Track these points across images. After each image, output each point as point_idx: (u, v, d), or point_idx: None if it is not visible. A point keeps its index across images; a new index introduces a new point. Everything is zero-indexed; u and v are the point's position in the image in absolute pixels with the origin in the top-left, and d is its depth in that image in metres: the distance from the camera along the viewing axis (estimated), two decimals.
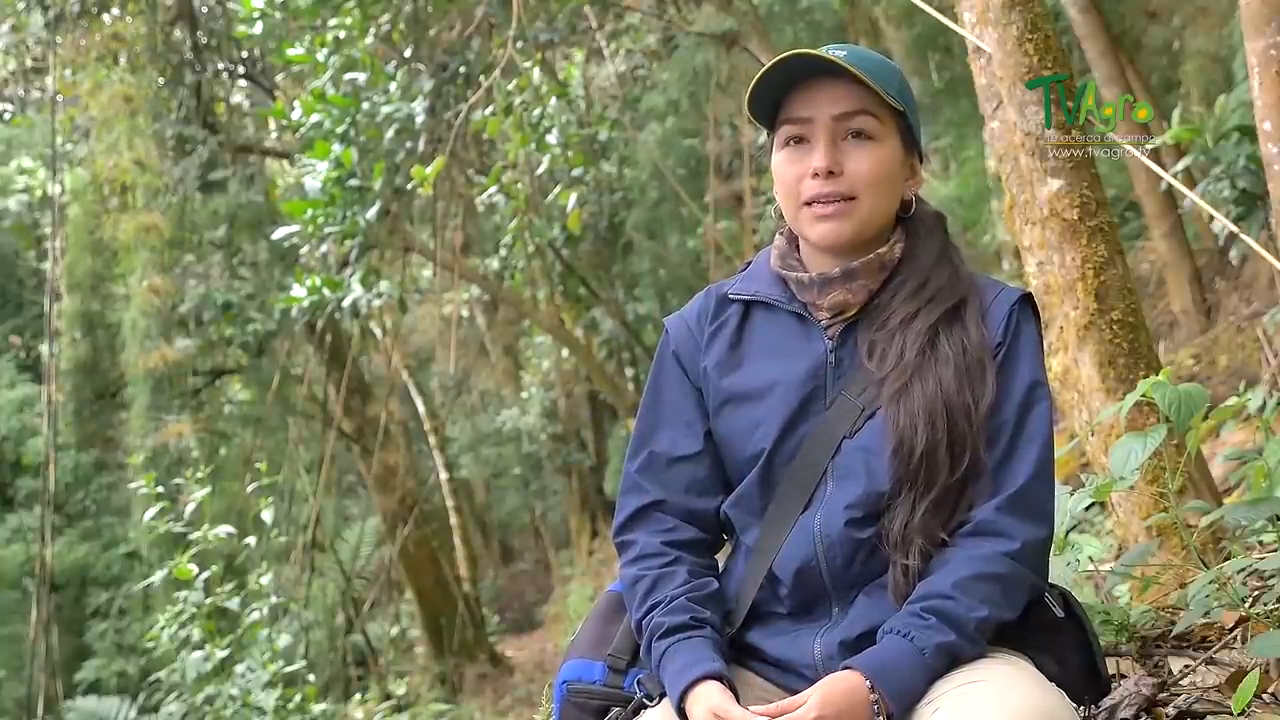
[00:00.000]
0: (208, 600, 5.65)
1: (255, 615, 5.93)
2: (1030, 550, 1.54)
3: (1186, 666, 2.17)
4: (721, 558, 1.76)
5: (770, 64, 1.60)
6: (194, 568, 5.60)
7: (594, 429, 17.44)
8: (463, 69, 7.49)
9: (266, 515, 6.33)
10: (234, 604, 5.75)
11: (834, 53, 1.59)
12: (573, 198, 7.04)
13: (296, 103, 7.30)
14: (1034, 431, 1.57)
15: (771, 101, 1.64)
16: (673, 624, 1.57)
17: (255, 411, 12.44)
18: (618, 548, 1.71)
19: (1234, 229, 3.49)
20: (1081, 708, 1.71)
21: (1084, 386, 3.00)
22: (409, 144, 7.04)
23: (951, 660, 1.46)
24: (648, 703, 1.58)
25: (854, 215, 1.61)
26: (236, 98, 12.61)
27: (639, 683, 1.61)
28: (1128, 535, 2.96)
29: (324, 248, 7.39)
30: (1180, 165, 5.88)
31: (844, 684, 1.42)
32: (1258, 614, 2.16)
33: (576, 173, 7.86)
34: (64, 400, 12.51)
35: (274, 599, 6.57)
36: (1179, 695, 2.06)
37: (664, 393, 1.74)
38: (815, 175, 1.60)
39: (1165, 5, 8.94)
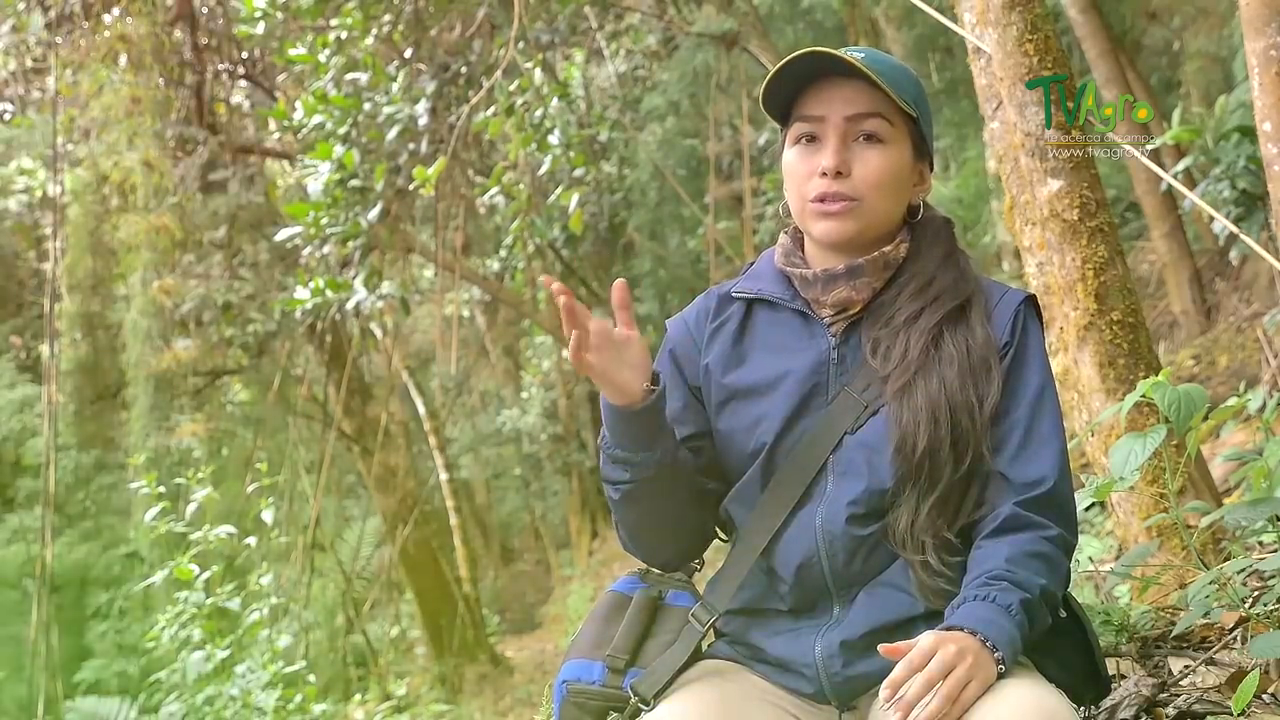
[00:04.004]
0: (208, 600, 5.65)
1: (255, 615, 5.92)
2: (1061, 541, 1.54)
3: (1186, 667, 2.17)
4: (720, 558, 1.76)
5: (787, 59, 1.60)
6: (194, 568, 5.60)
7: (594, 429, 17.42)
8: (464, 70, 7.49)
9: (267, 516, 6.32)
10: (234, 604, 5.75)
11: (851, 54, 1.59)
12: (574, 198, 7.04)
13: (298, 103, 7.30)
14: (1050, 432, 1.58)
15: (785, 97, 1.64)
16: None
17: (255, 412, 12.45)
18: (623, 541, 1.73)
19: (1234, 229, 3.49)
20: (1081, 708, 1.71)
21: (1084, 387, 3.00)
22: (411, 145, 7.04)
23: (1030, 622, 1.44)
24: (643, 707, 1.58)
25: (858, 216, 1.61)
26: (237, 98, 12.61)
27: (633, 688, 1.61)
28: (1128, 535, 2.96)
29: (325, 249, 7.39)
30: (1180, 166, 5.88)
31: (953, 635, 1.38)
32: (1258, 614, 2.16)
33: (578, 173, 7.86)
34: (64, 400, 12.50)
35: (274, 599, 6.56)
36: (1179, 695, 2.06)
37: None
38: (824, 174, 1.60)
39: (1165, 6, 8.94)
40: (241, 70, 11.71)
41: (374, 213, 6.92)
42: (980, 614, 1.42)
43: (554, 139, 7.16)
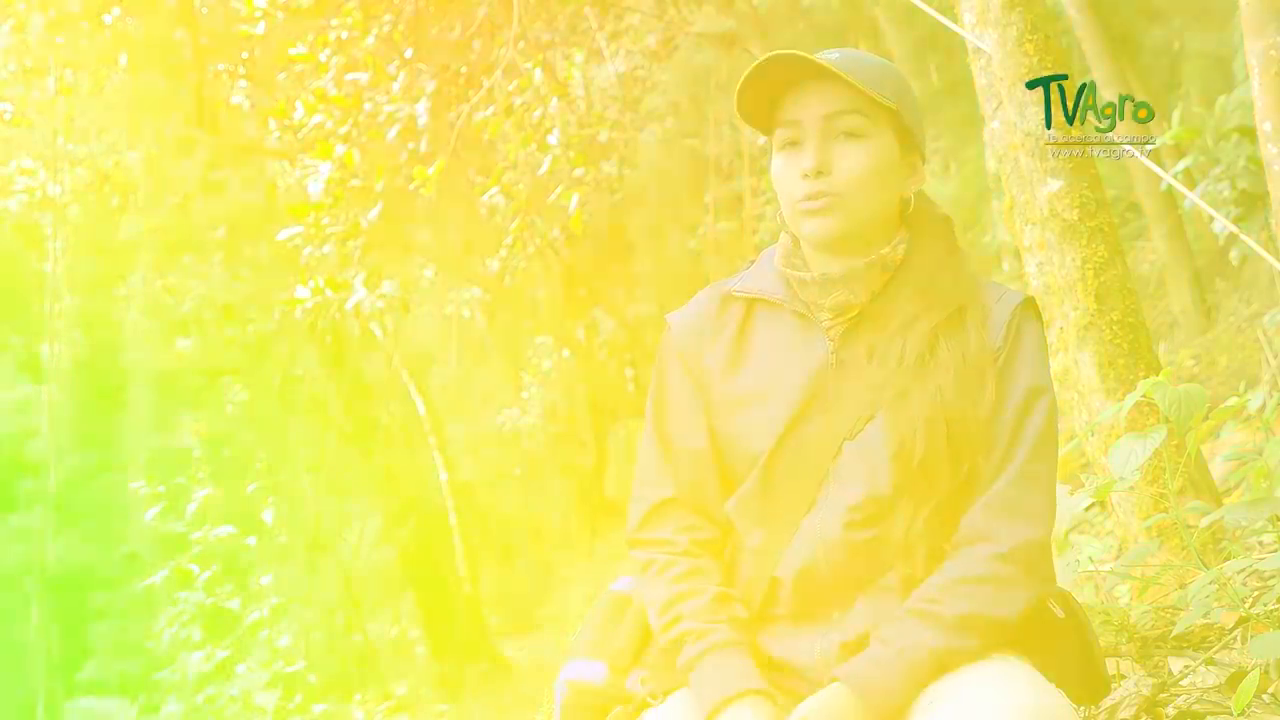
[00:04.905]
0: (208, 600, 5.66)
1: (255, 615, 5.93)
2: (1021, 551, 1.53)
3: (1186, 667, 2.17)
4: None
5: (750, 69, 1.60)
6: (194, 568, 5.61)
7: (594, 429, 17.43)
8: (464, 70, 7.49)
9: (267, 516, 6.33)
10: (234, 604, 5.76)
11: (825, 55, 1.59)
12: (574, 198, 7.04)
13: (298, 103, 7.30)
14: (1026, 435, 1.57)
15: (767, 106, 1.65)
16: (714, 634, 1.57)
17: (256, 412, 12.44)
18: (636, 543, 1.70)
19: (1234, 229, 3.49)
20: (1081, 708, 1.71)
21: (1084, 387, 3.00)
22: (411, 145, 7.05)
23: (936, 657, 1.46)
24: (651, 701, 1.58)
25: (841, 211, 1.60)
26: (237, 98, 12.60)
27: (642, 682, 1.61)
28: (1128, 535, 2.96)
29: (325, 249, 7.39)
30: (1180, 165, 5.88)
31: (826, 694, 1.45)
32: (1258, 614, 2.16)
33: (578, 173, 7.85)
34: (64, 400, 12.51)
35: (274, 599, 6.57)
36: (1179, 695, 2.06)
37: (669, 391, 1.74)
38: (805, 175, 1.60)
39: (1165, 5, 8.95)
40: (241, 70, 11.71)
41: (374, 213, 6.92)
42: (868, 663, 1.47)
43: (554, 139, 7.16)
